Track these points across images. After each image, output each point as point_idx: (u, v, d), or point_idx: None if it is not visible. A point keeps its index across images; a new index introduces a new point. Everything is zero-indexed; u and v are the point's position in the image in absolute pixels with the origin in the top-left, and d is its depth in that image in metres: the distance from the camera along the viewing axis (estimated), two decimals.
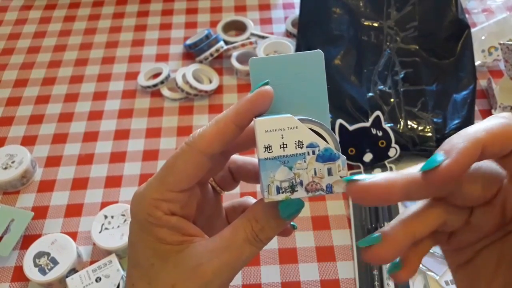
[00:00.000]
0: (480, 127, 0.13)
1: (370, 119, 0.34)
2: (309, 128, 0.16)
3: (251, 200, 0.22)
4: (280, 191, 0.15)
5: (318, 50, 0.17)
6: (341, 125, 0.34)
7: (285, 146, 0.15)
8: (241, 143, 0.18)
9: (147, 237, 0.17)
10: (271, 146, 0.15)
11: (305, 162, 0.15)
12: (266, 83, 0.16)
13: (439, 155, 0.12)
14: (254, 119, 0.16)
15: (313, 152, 0.15)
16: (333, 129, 0.35)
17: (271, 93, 0.16)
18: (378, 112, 0.34)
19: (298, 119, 0.16)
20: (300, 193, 0.15)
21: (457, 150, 0.12)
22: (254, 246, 0.17)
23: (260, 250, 0.17)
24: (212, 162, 0.17)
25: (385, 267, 0.28)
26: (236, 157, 0.20)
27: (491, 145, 0.12)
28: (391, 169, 0.34)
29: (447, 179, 0.12)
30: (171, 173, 0.17)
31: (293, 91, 0.17)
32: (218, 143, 0.16)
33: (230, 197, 0.26)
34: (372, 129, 0.34)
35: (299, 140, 0.15)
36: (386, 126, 0.34)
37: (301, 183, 0.15)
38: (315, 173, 0.15)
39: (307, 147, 0.15)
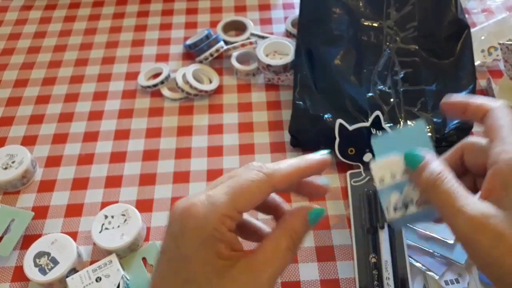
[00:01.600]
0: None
1: (370, 119, 0.34)
2: None
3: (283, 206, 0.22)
4: (396, 210, 0.20)
5: (419, 121, 0.22)
6: (340, 124, 0.34)
7: (394, 176, 0.21)
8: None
9: (208, 252, 0.17)
10: (383, 179, 0.21)
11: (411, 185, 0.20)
12: (329, 153, 0.21)
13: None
14: (371, 166, 0.21)
15: None
16: (333, 129, 0.35)
17: (329, 161, 0.20)
18: (378, 112, 0.34)
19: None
20: (411, 209, 0.20)
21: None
22: (293, 252, 0.19)
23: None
24: None
25: (385, 267, 0.29)
26: None
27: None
28: None
29: None
30: (244, 196, 0.18)
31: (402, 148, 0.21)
32: (287, 184, 0.19)
33: None
34: (372, 129, 0.34)
35: (403, 169, 0.20)
36: (386, 126, 0.34)
37: (411, 201, 0.20)
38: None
39: None
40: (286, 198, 0.26)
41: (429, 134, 0.21)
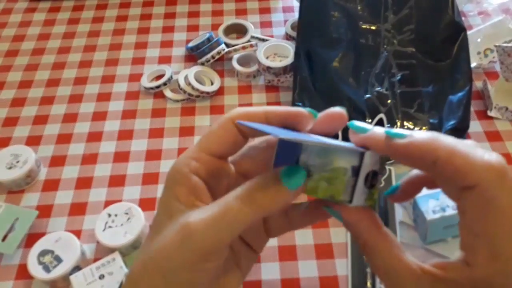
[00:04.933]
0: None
1: (374, 121, 0.35)
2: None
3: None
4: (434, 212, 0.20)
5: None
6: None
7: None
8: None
9: (168, 195, 0.17)
10: None
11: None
12: (310, 111, 0.18)
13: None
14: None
15: None
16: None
17: (305, 115, 0.17)
18: (382, 115, 0.35)
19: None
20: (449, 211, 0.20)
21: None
22: (245, 206, 0.15)
23: (255, 216, 0.15)
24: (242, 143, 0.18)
25: None
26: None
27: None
28: (390, 171, 0.34)
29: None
30: (208, 137, 0.18)
31: None
32: (246, 118, 0.17)
33: None
34: None
35: None
36: (387, 127, 0.35)
37: (447, 205, 0.21)
38: None
39: None
40: None
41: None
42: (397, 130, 0.16)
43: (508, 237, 0.14)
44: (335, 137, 0.19)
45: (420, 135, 0.15)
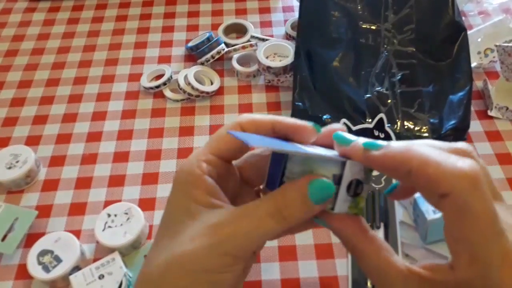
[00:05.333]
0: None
1: (374, 121, 0.35)
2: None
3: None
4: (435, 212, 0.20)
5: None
6: (344, 124, 0.35)
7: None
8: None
9: (183, 196, 0.18)
10: None
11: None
12: (315, 125, 0.18)
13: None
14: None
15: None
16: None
17: (309, 130, 0.18)
18: (382, 115, 0.35)
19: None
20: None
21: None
22: (275, 222, 0.16)
23: (283, 229, 0.17)
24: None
25: None
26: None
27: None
28: None
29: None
30: (216, 139, 0.19)
31: None
32: (255, 126, 0.18)
33: None
34: (374, 130, 0.35)
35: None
36: (388, 128, 0.35)
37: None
38: None
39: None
40: None
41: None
42: (374, 141, 0.17)
43: (485, 242, 0.15)
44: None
45: (395, 146, 0.16)
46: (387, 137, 0.35)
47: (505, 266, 0.15)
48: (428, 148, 0.16)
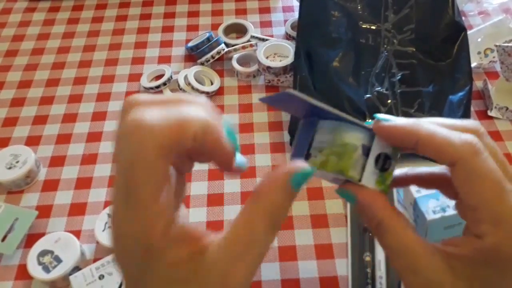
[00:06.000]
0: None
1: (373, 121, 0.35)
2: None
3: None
4: (435, 213, 0.21)
5: None
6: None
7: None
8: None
9: (159, 270, 0.14)
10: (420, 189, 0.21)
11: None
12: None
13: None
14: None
15: None
16: None
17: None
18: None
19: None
20: (449, 211, 0.21)
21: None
22: (274, 234, 0.15)
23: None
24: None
25: (378, 266, 0.29)
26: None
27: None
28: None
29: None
30: (141, 198, 0.14)
31: None
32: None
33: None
34: None
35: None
36: None
37: (448, 206, 0.21)
38: None
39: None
40: None
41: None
42: (389, 117, 0.17)
43: (500, 199, 0.15)
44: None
45: (405, 120, 0.17)
46: None
47: None
48: (434, 125, 0.17)
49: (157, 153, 0.13)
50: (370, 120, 0.19)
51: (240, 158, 0.17)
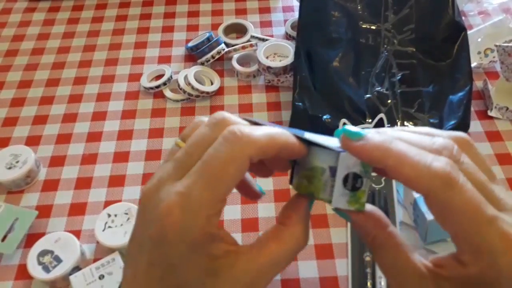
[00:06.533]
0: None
1: (374, 121, 0.35)
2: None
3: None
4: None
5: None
6: (344, 124, 0.35)
7: None
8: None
9: (198, 257, 0.16)
10: None
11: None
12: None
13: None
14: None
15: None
16: (331, 129, 0.35)
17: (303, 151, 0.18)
18: (382, 115, 0.35)
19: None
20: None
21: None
22: (307, 238, 0.18)
23: None
24: None
25: (378, 267, 0.29)
26: None
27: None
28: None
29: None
30: (223, 182, 0.16)
31: None
32: (263, 156, 0.16)
33: None
34: None
35: None
36: (387, 127, 0.35)
37: None
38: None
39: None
40: None
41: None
42: (356, 129, 0.16)
43: (478, 232, 0.14)
44: None
45: (374, 139, 0.16)
46: None
47: (509, 249, 0.14)
48: (406, 146, 0.15)
49: (248, 155, 0.16)
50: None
51: (259, 187, 0.21)
